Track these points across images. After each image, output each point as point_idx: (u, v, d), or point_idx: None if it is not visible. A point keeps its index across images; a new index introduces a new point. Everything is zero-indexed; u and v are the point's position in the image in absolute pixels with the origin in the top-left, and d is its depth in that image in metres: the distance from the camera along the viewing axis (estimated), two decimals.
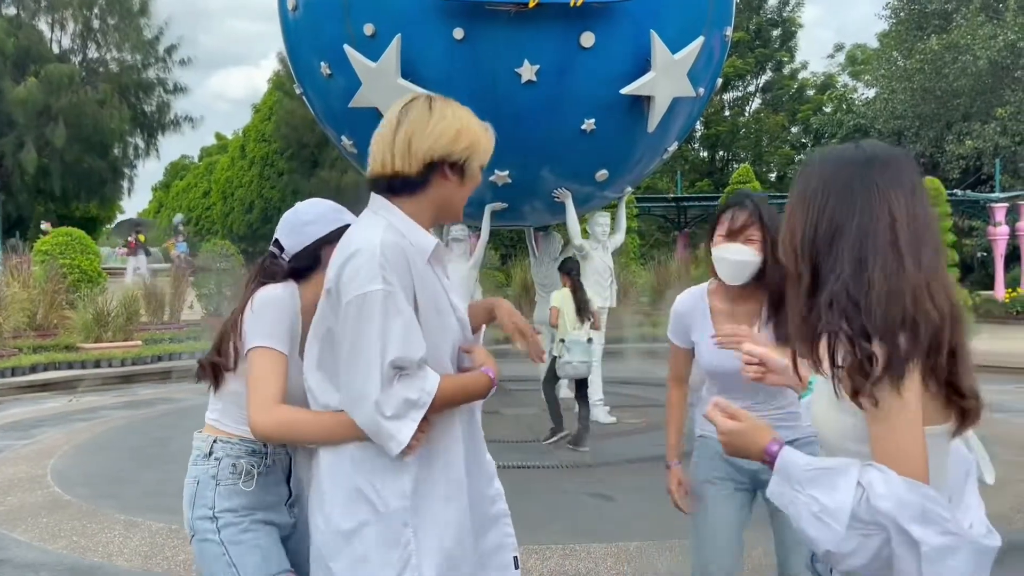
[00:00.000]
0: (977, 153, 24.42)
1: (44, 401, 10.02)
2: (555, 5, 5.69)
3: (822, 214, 1.57)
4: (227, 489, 2.34)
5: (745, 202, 2.60)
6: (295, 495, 2.45)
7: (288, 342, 2.28)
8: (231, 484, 2.34)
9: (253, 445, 2.36)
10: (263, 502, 2.36)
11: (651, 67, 6.07)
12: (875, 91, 30.49)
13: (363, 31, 6.04)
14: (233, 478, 2.35)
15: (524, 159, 6.26)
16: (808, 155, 2.01)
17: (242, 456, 2.36)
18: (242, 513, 2.33)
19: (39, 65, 31.54)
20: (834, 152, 1.65)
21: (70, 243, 16.34)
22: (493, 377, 2.08)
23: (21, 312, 13.09)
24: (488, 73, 5.91)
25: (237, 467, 2.34)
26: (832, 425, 1.65)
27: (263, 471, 2.37)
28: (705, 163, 37.16)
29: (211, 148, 51.93)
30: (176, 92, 36.34)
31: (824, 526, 1.51)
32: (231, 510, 2.32)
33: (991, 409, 6.70)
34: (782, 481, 1.59)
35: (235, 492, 2.34)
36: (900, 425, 1.50)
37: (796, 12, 36.75)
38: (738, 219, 2.57)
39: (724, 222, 2.61)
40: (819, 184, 1.60)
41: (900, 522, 1.47)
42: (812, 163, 1.65)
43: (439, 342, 2.03)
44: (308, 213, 2.41)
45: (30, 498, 5.70)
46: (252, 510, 2.34)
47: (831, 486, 1.52)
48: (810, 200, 1.59)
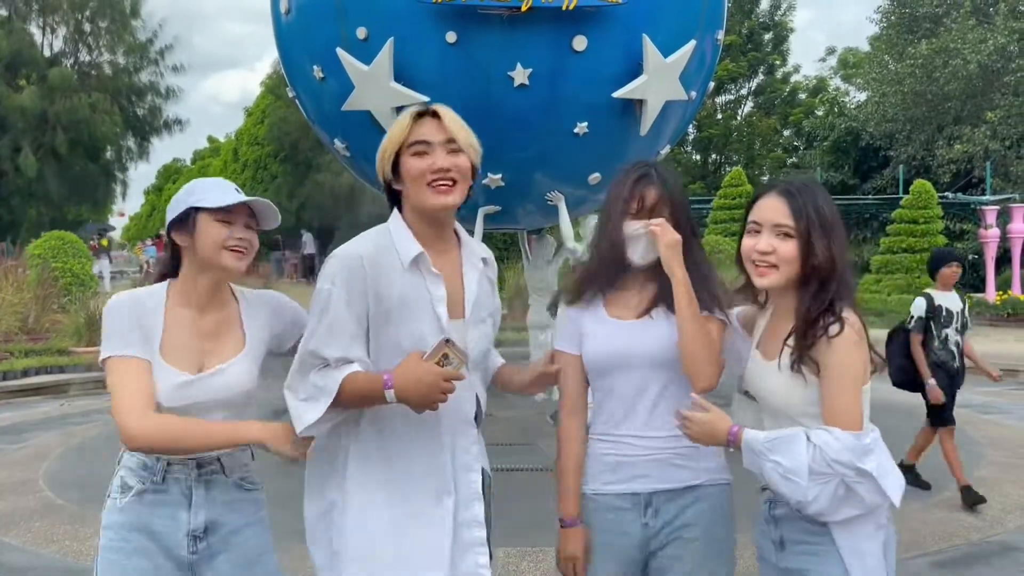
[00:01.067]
0: (968, 157, 24.52)
1: (36, 405, 9.98)
2: (548, 9, 5.70)
3: (841, 233, 2.14)
4: (111, 503, 2.19)
5: (652, 175, 2.31)
6: (207, 528, 2.20)
7: (140, 343, 2.13)
8: (114, 498, 2.18)
9: (147, 459, 2.18)
10: (147, 525, 2.14)
11: (643, 71, 6.09)
12: (866, 94, 30.61)
13: (356, 34, 6.04)
14: (116, 492, 2.18)
15: (517, 162, 6.27)
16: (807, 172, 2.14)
17: (134, 469, 2.19)
18: (118, 535, 2.14)
19: (30, 69, 31.43)
20: (816, 186, 2.19)
21: (62, 247, 16.29)
22: (388, 380, 2.06)
23: (13, 316, 13.04)
24: (481, 77, 5.91)
25: (123, 481, 2.18)
26: (794, 397, 2.10)
27: (149, 490, 2.16)
28: (698, 166, 37.27)
29: (203, 151, 51.90)
30: (169, 96, 36.25)
31: (790, 483, 1.97)
32: (109, 528, 2.17)
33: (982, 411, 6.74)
34: (749, 453, 2.04)
35: (116, 509, 2.17)
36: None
37: (788, 16, 36.92)
38: (649, 197, 2.29)
39: (635, 198, 2.29)
40: (833, 209, 2.15)
41: (855, 463, 1.95)
42: (814, 195, 2.14)
43: (399, 342, 2.14)
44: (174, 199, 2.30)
45: (22, 502, 5.69)
46: (131, 532, 2.14)
47: (789, 451, 1.98)
48: (836, 223, 2.14)
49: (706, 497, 2.29)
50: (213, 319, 2.28)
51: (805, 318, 2.08)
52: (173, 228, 2.25)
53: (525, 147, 6.18)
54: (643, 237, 2.27)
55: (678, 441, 2.24)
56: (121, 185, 37.21)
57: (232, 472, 2.26)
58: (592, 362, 2.34)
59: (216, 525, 2.20)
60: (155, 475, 2.16)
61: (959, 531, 5.01)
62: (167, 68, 35.67)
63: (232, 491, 2.25)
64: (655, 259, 2.27)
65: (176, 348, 2.18)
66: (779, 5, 36.42)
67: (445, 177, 2.17)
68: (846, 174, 29.83)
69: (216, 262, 2.21)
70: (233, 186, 2.28)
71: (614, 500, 2.31)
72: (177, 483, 2.18)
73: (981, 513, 5.31)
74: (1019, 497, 5.65)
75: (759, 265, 2.14)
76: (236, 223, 2.23)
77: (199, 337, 2.23)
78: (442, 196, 2.17)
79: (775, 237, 2.12)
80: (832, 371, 2.02)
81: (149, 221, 54.96)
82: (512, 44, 5.87)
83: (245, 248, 2.24)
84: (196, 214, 2.20)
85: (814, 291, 2.10)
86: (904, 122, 26.91)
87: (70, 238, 16.88)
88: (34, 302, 13.88)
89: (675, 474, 2.29)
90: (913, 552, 4.65)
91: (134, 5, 34.59)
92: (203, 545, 2.18)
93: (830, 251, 2.10)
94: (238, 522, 2.24)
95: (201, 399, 2.18)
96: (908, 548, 4.69)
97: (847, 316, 2.06)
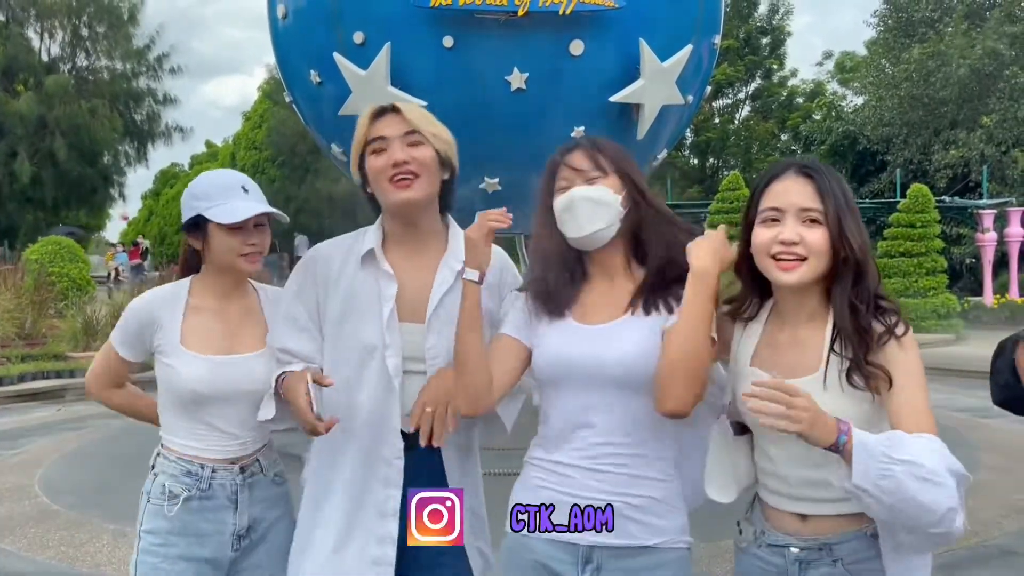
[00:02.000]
0: (964, 161, 24.55)
1: (32, 410, 9.95)
2: (544, 13, 5.70)
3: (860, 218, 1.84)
4: (153, 509, 2.19)
5: (579, 143, 2.05)
6: (250, 527, 2.23)
7: (133, 345, 2.31)
8: (157, 505, 2.18)
9: (190, 465, 2.19)
10: (193, 529, 2.17)
11: (640, 75, 6.09)
12: (863, 98, 30.64)
13: (353, 39, 6.04)
14: (160, 499, 2.18)
15: (513, 167, 6.26)
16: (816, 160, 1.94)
17: (176, 476, 2.18)
18: (161, 540, 2.15)
19: (28, 74, 31.42)
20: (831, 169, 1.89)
21: (59, 252, 16.28)
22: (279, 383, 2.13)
23: (10, 321, 13.01)
24: (478, 81, 5.91)
25: (166, 488, 2.19)
26: (851, 414, 1.68)
27: (196, 495, 2.18)
28: (695, 170, 37.28)
29: (201, 156, 51.89)
30: (166, 103, 36.24)
31: (936, 486, 1.52)
32: (151, 532, 2.17)
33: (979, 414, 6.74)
34: (867, 459, 1.55)
35: (160, 514, 2.17)
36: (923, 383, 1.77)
37: (785, 20, 36.97)
38: (573, 161, 2.02)
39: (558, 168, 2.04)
40: (848, 197, 1.84)
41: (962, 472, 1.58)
42: (834, 174, 1.87)
43: (348, 343, 2.13)
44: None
45: (18, 508, 5.67)
46: (175, 537, 2.15)
47: (915, 450, 1.55)
48: (854, 207, 1.83)
49: (666, 564, 1.87)
50: (238, 307, 2.33)
51: (857, 320, 1.73)
52: (186, 231, 2.30)
53: (522, 151, 6.18)
54: (571, 206, 1.94)
55: (633, 486, 1.87)
56: (118, 187, 37.20)
57: (269, 470, 2.31)
58: (541, 369, 1.98)
59: (256, 522, 2.25)
60: (201, 482, 2.19)
61: None
62: (165, 72, 35.68)
63: (269, 488, 2.30)
64: (597, 232, 1.94)
65: (199, 336, 2.24)
66: (777, 9, 36.49)
67: (403, 171, 2.07)
68: (843, 178, 29.87)
69: (232, 268, 2.28)
70: (240, 182, 2.29)
71: (546, 547, 1.91)
72: (223, 488, 2.20)
73: (978, 517, 5.30)
74: (1017, 501, 5.65)
75: (782, 259, 1.77)
76: (247, 226, 2.25)
77: (225, 323, 2.29)
78: (401, 191, 2.08)
79: (801, 224, 1.78)
80: (909, 374, 1.72)
81: (146, 225, 55.03)
82: (509, 48, 5.87)
83: (259, 252, 2.29)
84: (207, 224, 2.24)
85: (852, 286, 1.77)
86: (901, 126, 26.93)
87: (67, 243, 16.87)
88: (31, 307, 13.85)
89: (625, 527, 1.87)
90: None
91: (132, 10, 34.60)
92: (245, 543, 2.23)
93: (862, 236, 1.79)
94: (273, 516, 2.29)
95: (229, 388, 2.21)
96: None
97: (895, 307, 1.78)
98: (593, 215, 1.93)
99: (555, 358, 1.94)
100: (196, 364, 2.19)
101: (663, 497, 1.91)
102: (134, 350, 2.31)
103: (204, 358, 2.20)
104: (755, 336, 1.90)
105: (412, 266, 2.15)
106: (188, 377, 2.18)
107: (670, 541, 1.90)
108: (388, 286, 2.10)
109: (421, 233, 2.18)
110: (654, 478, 1.91)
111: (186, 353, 2.20)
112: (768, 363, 1.82)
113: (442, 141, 2.15)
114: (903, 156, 26.89)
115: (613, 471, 1.88)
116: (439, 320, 2.10)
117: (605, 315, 1.95)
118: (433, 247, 2.19)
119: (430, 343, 2.10)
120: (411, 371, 2.10)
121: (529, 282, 2.06)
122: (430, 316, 2.11)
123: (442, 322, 2.09)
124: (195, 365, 2.19)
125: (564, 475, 1.92)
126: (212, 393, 2.19)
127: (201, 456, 2.21)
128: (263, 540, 2.26)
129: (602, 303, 1.97)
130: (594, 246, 1.98)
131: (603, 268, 2.01)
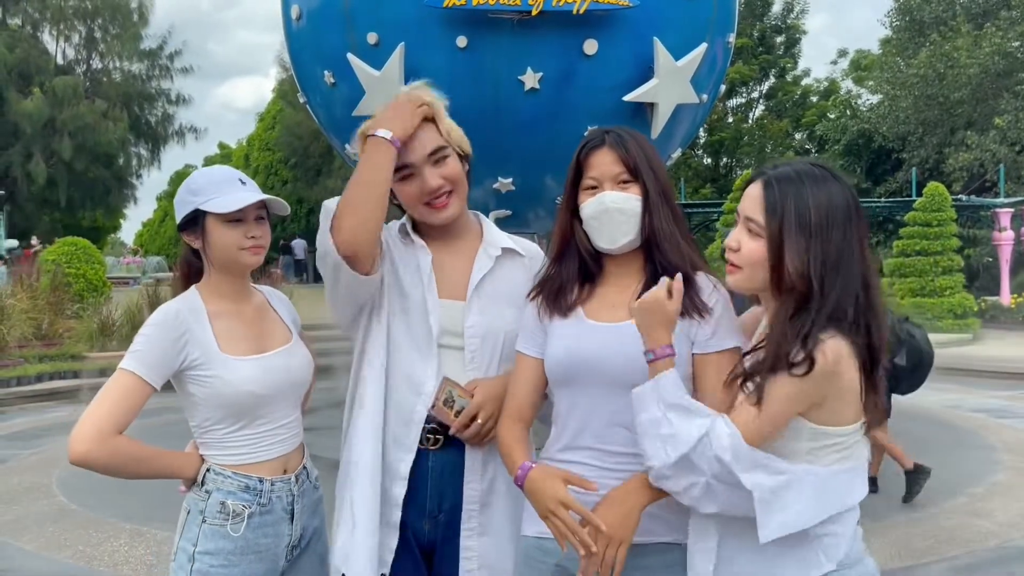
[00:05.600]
0: (980, 163, 24.37)
1: (49, 410, 10.02)
2: (558, 13, 5.69)
3: (828, 241, 1.71)
4: (212, 530, 2.07)
5: (604, 140, 1.99)
6: (301, 536, 2.20)
7: (157, 369, 2.04)
8: (218, 525, 2.07)
9: (248, 480, 2.10)
10: (253, 545, 2.09)
11: (654, 74, 6.07)
12: (879, 97, 30.46)
13: (366, 40, 6.05)
14: (220, 518, 2.07)
15: (527, 167, 6.26)
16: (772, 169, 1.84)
17: (234, 492, 2.09)
18: (223, 561, 2.06)
19: (43, 77, 31.69)
20: (815, 174, 1.76)
21: (75, 252, 16.39)
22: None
23: (27, 322, 13.11)
24: (491, 81, 5.90)
25: (226, 507, 2.08)
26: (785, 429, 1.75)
27: (257, 511, 2.10)
28: (709, 169, 37.15)
29: (214, 158, 52.13)
30: (179, 103, 36.44)
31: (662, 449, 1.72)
32: (210, 553, 2.06)
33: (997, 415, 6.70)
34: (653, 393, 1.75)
35: (220, 534, 2.07)
36: None
37: (800, 19, 36.78)
38: (599, 164, 1.97)
39: (585, 169, 2.00)
40: (824, 211, 1.72)
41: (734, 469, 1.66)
42: (794, 186, 1.75)
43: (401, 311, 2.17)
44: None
45: (35, 507, 5.71)
46: (237, 556, 2.07)
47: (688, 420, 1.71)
48: (817, 228, 1.71)
49: (683, 561, 1.85)
50: (252, 307, 2.25)
51: (776, 347, 1.70)
52: (183, 230, 2.18)
53: (536, 151, 6.17)
54: (604, 215, 1.93)
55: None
56: (132, 190, 37.43)
57: (311, 474, 2.29)
58: (552, 368, 1.97)
59: (306, 530, 2.22)
60: (261, 496, 2.11)
61: (976, 537, 4.96)
62: (177, 71, 35.87)
63: (313, 494, 2.27)
64: (628, 243, 1.95)
65: (233, 340, 2.13)
66: (791, 8, 36.31)
67: (439, 194, 2.15)
68: (859, 177, 29.69)
69: (235, 263, 2.16)
70: (237, 175, 2.18)
71: (561, 549, 1.87)
72: (280, 500, 2.14)
73: (998, 519, 5.25)
74: None
75: (728, 263, 1.83)
76: (247, 219, 2.14)
77: (249, 325, 2.20)
78: (440, 212, 2.16)
79: (745, 232, 1.79)
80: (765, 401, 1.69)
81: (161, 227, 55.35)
82: (522, 48, 5.86)
83: (261, 245, 2.18)
84: (205, 218, 2.11)
85: (789, 311, 1.72)
86: (917, 124, 26.76)
87: (83, 244, 16.97)
88: (48, 308, 13.96)
89: (646, 524, 1.83)
90: (930, 557, 4.61)
91: (142, 10, 34.81)
92: (296, 553, 2.19)
93: (805, 262, 1.69)
94: (317, 521, 2.27)
95: (279, 384, 2.15)
96: (924, 554, 4.65)
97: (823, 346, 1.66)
98: (626, 226, 1.94)
99: (567, 356, 1.94)
100: (246, 367, 2.10)
101: None
102: (162, 372, 2.06)
103: (250, 359, 2.13)
104: (757, 332, 1.95)
105: (449, 252, 2.22)
106: (242, 380, 2.08)
107: (687, 537, 1.88)
108: (424, 257, 2.19)
109: (455, 228, 2.25)
110: None
111: (231, 359, 2.10)
112: None
113: (455, 135, 2.21)
114: (919, 155, 26.72)
115: (630, 469, 1.86)
116: (480, 299, 2.17)
117: (619, 314, 1.94)
118: (468, 237, 2.26)
119: (470, 321, 2.15)
120: (446, 345, 2.16)
121: (544, 273, 2.08)
122: (471, 295, 2.17)
123: (483, 301, 2.16)
124: (245, 368, 2.10)
125: (581, 475, 1.90)
126: (267, 392, 2.12)
127: (257, 466, 2.13)
128: (308, 548, 2.24)
129: (617, 301, 1.96)
130: (620, 252, 1.99)
131: (621, 266, 2.01)
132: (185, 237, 2.20)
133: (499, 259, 2.22)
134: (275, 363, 2.16)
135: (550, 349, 1.97)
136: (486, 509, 2.13)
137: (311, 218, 34.56)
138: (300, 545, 2.20)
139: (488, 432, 2.09)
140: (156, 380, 2.05)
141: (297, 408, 2.26)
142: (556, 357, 1.95)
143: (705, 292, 1.94)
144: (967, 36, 24.71)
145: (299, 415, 2.28)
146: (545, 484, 1.84)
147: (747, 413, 1.71)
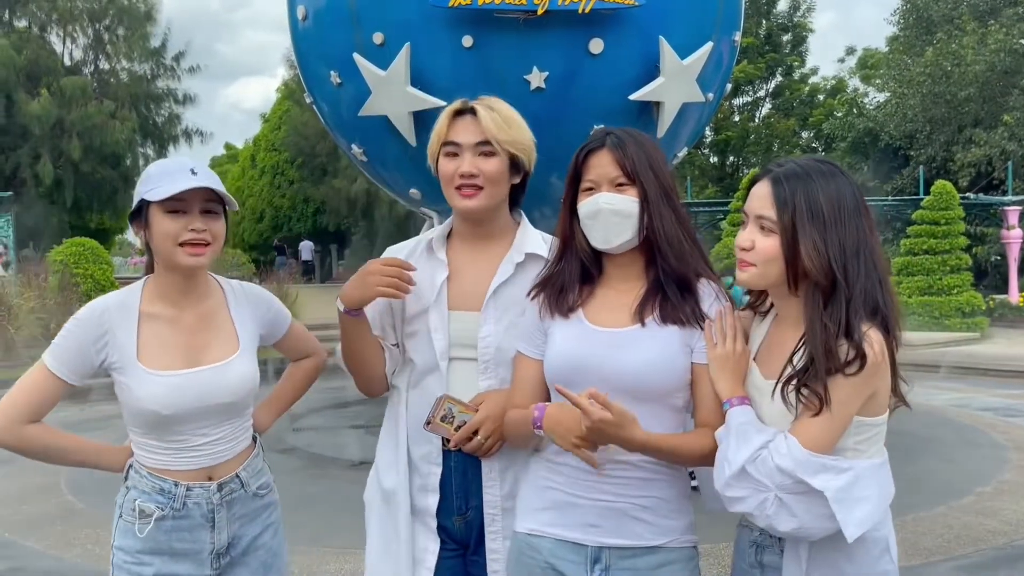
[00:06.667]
0: (988, 159, 24.28)
1: (56, 410, 10.03)
2: (564, 12, 5.69)
3: (844, 229, 1.74)
4: (125, 526, 2.03)
5: (605, 141, 1.98)
6: (230, 544, 2.10)
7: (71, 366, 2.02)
8: (129, 523, 2.03)
9: (163, 483, 2.02)
10: (166, 548, 2.01)
11: (660, 73, 6.07)
12: (886, 95, 30.35)
13: (372, 40, 6.06)
14: (132, 516, 2.02)
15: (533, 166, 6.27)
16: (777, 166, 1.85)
17: (148, 493, 2.02)
18: (132, 558, 2.01)
19: (51, 78, 31.79)
20: (821, 169, 1.79)
21: (83, 253, 16.45)
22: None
23: (35, 322, 13.17)
24: (497, 80, 5.90)
25: (137, 506, 2.02)
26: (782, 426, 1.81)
27: (169, 515, 2.01)
28: (715, 168, 37.08)
29: (220, 158, 52.23)
30: (185, 103, 36.51)
31: (720, 470, 1.77)
32: (122, 549, 2.03)
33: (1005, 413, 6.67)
34: (727, 426, 1.81)
35: (131, 532, 2.02)
36: None
37: (807, 17, 36.67)
38: (598, 167, 1.98)
39: (583, 171, 2.00)
40: (835, 203, 1.75)
41: (797, 474, 1.69)
42: (827, 176, 1.77)
43: (415, 316, 2.21)
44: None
45: (44, 506, 5.73)
46: (147, 556, 2.00)
47: (744, 441, 1.75)
48: (831, 218, 1.74)
49: (672, 563, 1.90)
50: (194, 313, 2.08)
51: (823, 344, 1.70)
52: (132, 222, 2.08)
53: (541, 150, 6.15)
54: (599, 216, 1.93)
55: (642, 487, 1.89)
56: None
57: (250, 483, 2.16)
58: (551, 371, 1.96)
59: (237, 539, 2.12)
60: (175, 501, 2.02)
61: (985, 536, 4.94)
62: (183, 71, 35.92)
63: (250, 502, 2.15)
64: (623, 243, 1.94)
65: (157, 349, 2.01)
66: (798, 6, 36.20)
67: (470, 183, 2.13)
68: (865, 175, 29.60)
69: (171, 260, 2.00)
70: (190, 165, 2.00)
71: (554, 547, 1.92)
72: (198, 507, 2.04)
73: (1007, 517, 5.24)
74: None
75: (740, 261, 1.84)
76: (191, 211, 1.97)
77: (183, 333, 2.05)
78: (465, 200, 2.14)
79: (757, 231, 1.80)
80: (832, 407, 1.70)
81: None
82: (528, 47, 5.87)
83: (204, 240, 1.99)
84: (148, 207, 1.98)
85: (820, 305, 1.73)
86: (924, 122, 26.66)
87: (91, 244, 17.03)
88: (56, 308, 14.01)
89: (633, 528, 1.89)
90: (938, 557, 4.60)
91: (149, 10, 34.87)
92: (225, 560, 2.10)
93: (824, 252, 1.71)
94: (256, 530, 2.17)
95: (195, 405, 2.01)
96: (933, 553, 4.64)
97: (869, 339, 1.69)
98: (620, 227, 1.92)
99: (566, 360, 1.93)
100: (154, 384, 1.97)
101: (670, 497, 1.93)
102: (77, 370, 2.01)
103: (162, 377, 1.98)
104: (761, 334, 1.93)
105: (474, 259, 2.21)
106: (146, 397, 1.96)
107: (677, 540, 1.92)
108: (440, 273, 2.18)
109: (486, 231, 2.23)
110: (662, 479, 1.92)
111: (144, 371, 1.98)
112: (763, 362, 1.88)
113: (518, 146, 2.18)
114: (926, 153, 26.62)
115: (622, 474, 1.89)
116: (495, 308, 2.14)
117: (619, 318, 1.94)
118: (498, 243, 2.23)
119: (484, 331, 2.13)
120: (458, 357, 2.15)
121: (545, 272, 2.06)
122: (486, 304, 2.14)
123: (498, 311, 2.14)
124: (153, 384, 1.97)
125: (572, 477, 1.92)
126: (175, 413, 1.98)
127: (174, 472, 2.03)
128: (246, 556, 2.13)
129: (618, 305, 1.96)
130: (618, 252, 1.98)
131: (621, 269, 2.00)
132: (133, 228, 2.11)
133: (520, 265, 2.17)
134: (195, 381, 2.02)
135: (550, 352, 1.97)
136: (508, 514, 2.11)
137: (318, 218, 34.63)
138: (230, 554, 2.10)
139: (491, 447, 2.09)
140: (70, 376, 2.03)
141: (234, 422, 2.13)
142: (555, 361, 1.96)
143: (706, 301, 1.94)
144: (972, 34, 24.64)
145: (240, 426, 2.16)
146: (563, 414, 1.83)
147: (814, 425, 1.73)
